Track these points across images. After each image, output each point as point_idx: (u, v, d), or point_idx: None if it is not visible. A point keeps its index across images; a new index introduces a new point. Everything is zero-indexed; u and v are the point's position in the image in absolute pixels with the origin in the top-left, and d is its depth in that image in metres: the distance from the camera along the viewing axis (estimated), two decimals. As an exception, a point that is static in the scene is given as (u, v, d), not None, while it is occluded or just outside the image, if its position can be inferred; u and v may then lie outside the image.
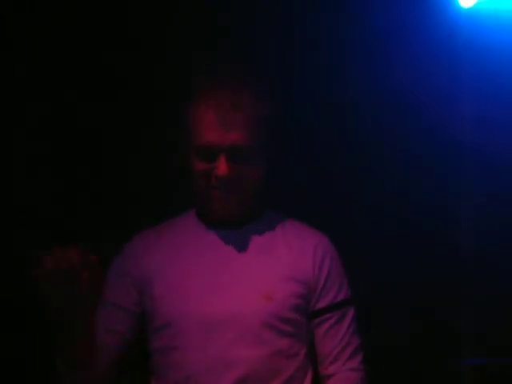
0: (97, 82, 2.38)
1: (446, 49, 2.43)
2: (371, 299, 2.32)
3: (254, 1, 2.39)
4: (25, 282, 2.31)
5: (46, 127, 2.36)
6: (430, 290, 2.45)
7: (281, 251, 1.88)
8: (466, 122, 2.47)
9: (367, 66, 2.42)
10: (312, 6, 2.42)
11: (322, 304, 1.88)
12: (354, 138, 2.47)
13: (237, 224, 1.88)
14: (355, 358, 1.88)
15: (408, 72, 2.38)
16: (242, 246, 1.87)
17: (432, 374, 2.47)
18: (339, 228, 2.06)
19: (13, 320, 2.33)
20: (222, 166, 1.78)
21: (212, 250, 1.87)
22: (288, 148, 2.01)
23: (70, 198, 2.38)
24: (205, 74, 1.85)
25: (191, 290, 1.82)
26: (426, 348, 2.45)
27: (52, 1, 2.32)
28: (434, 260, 2.48)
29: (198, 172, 1.82)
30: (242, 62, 1.94)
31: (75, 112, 2.38)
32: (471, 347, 2.49)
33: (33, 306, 2.30)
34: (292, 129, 2.25)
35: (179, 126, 1.85)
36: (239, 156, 1.79)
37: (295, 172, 2.43)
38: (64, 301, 1.52)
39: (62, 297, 1.51)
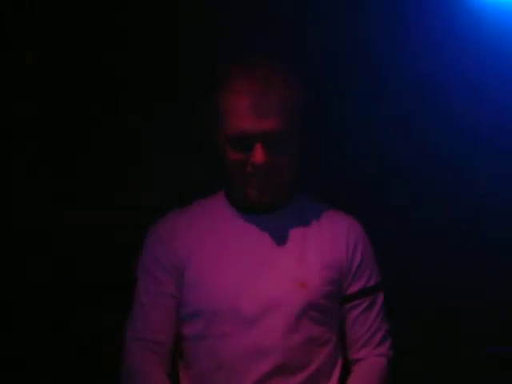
0: (97, 81, 2.38)
1: (471, 39, 2.38)
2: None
3: (253, 1, 2.38)
4: (24, 283, 2.34)
5: (46, 127, 2.36)
6: (431, 290, 2.44)
7: (313, 236, 1.86)
8: (490, 113, 2.43)
9: (391, 56, 2.39)
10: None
11: (353, 289, 1.87)
12: (369, 129, 2.42)
13: (269, 209, 1.86)
14: (385, 343, 1.90)
15: (432, 62, 2.35)
16: (274, 232, 1.84)
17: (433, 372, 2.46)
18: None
19: (12, 320, 2.33)
20: (258, 155, 1.74)
21: (244, 235, 1.84)
22: (320, 135, 1.97)
23: (70, 198, 2.38)
24: (234, 60, 1.81)
25: (223, 277, 1.80)
26: (426, 347, 2.45)
27: (52, 1, 2.32)
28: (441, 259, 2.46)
29: (232, 161, 1.78)
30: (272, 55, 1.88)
31: (75, 112, 2.37)
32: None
33: (31, 306, 2.32)
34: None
35: (208, 115, 1.81)
36: (275, 143, 1.75)
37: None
38: None
39: None
